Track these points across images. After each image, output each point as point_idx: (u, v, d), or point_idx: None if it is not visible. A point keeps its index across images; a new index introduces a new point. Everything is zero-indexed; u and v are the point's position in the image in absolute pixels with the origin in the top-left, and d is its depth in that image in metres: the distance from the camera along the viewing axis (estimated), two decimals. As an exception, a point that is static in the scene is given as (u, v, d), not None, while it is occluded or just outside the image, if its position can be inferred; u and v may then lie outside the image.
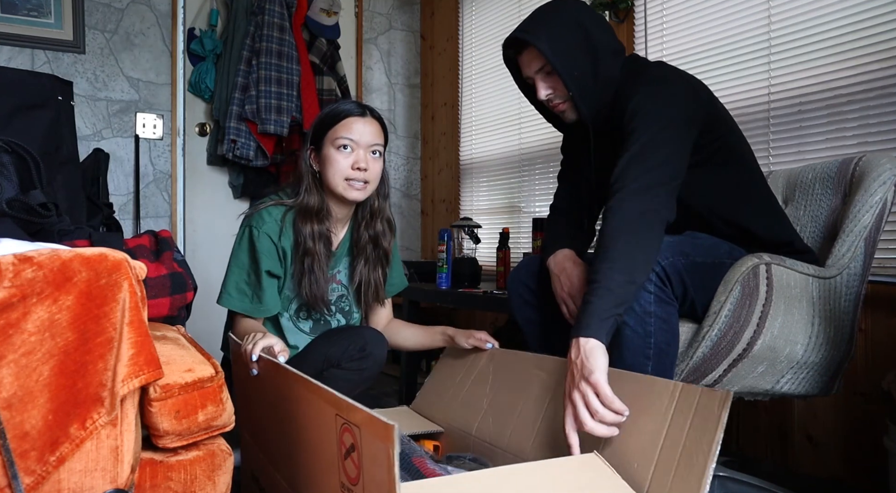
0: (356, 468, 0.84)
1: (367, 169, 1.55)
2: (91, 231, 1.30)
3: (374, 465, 0.79)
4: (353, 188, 1.56)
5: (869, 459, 1.71)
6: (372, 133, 1.57)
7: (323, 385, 0.96)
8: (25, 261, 0.79)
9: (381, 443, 0.76)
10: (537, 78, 1.45)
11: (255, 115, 3.01)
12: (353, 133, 1.55)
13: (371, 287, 1.70)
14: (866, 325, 1.71)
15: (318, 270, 1.58)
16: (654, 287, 1.23)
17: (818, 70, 1.85)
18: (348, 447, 0.86)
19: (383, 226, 1.68)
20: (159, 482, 0.94)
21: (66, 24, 2.93)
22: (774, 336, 1.28)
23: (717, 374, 1.30)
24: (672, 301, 1.26)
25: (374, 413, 0.80)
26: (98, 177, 2.51)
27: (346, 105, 1.60)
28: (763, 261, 1.28)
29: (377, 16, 3.72)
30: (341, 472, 0.89)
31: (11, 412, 0.77)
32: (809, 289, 1.34)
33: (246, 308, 1.57)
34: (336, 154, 1.55)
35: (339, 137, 1.55)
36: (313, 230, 1.57)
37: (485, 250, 3.07)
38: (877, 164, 1.41)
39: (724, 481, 1.54)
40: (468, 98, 3.46)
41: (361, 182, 1.56)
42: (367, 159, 1.55)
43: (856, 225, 1.37)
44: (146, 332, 0.87)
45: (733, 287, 1.25)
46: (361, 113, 1.58)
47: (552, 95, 1.45)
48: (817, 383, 1.38)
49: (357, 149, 1.55)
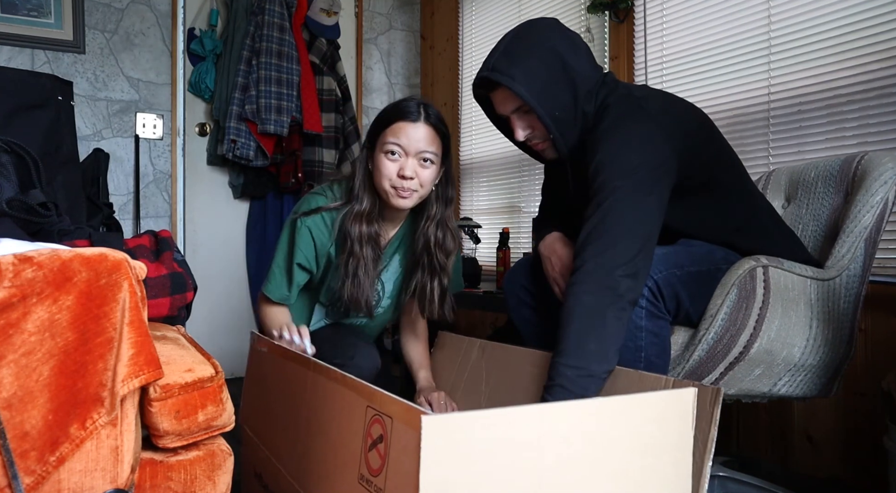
0: (381, 458, 0.85)
1: (414, 178, 1.47)
2: (91, 231, 1.30)
3: (403, 454, 0.79)
4: (398, 196, 1.49)
5: (869, 459, 1.71)
6: (423, 139, 1.47)
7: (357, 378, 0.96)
8: (25, 261, 0.79)
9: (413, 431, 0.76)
10: (513, 117, 1.36)
11: (255, 115, 3.01)
12: (401, 139, 1.47)
13: (426, 296, 1.60)
14: (866, 325, 1.71)
15: (363, 274, 1.53)
16: (646, 302, 1.21)
17: (818, 70, 1.85)
18: (375, 438, 0.87)
19: (442, 233, 1.58)
20: (159, 482, 0.94)
21: (66, 24, 2.93)
22: (771, 339, 1.28)
23: (714, 377, 1.29)
24: (664, 315, 1.25)
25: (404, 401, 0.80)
26: (98, 177, 2.52)
27: (402, 105, 1.51)
28: (760, 263, 1.27)
29: (377, 16, 3.72)
30: (362, 464, 0.89)
31: (11, 411, 0.77)
32: (808, 291, 1.33)
33: (283, 297, 1.59)
34: (384, 159, 1.48)
35: (388, 143, 1.47)
36: (361, 233, 1.52)
37: (485, 249, 3.08)
38: (878, 162, 1.39)
39: (724, 481, 1.54)
40: (468, 98, 3.46)
41: (409, 191, 1.48)
42: (414, 168, 1.47)
43: (856, 225, 1.35)
44: (146, 332, 0.87)
45: (730, 290, 1.24)
46: (415, 117, 1.48)
47: (531, 136, 1.37)
48: (816, 384, 1.38)
49: (405, 155, 1.47)
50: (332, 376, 1.05)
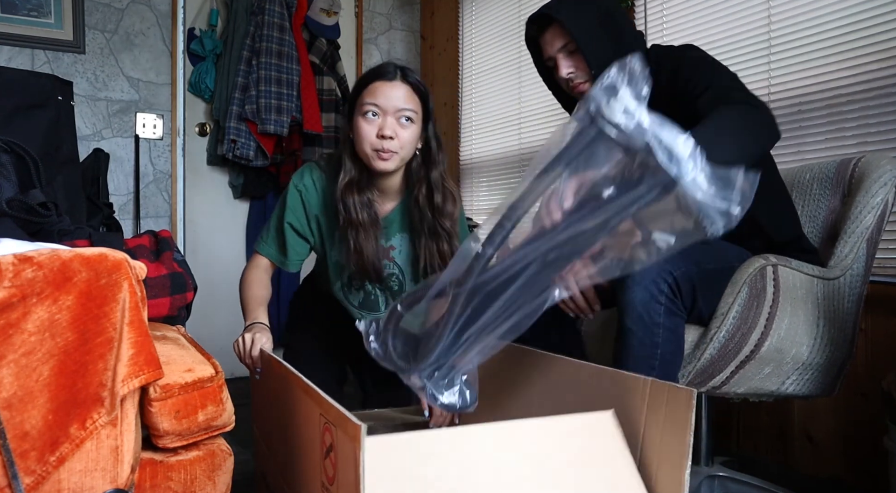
0: (333, 467, 0.85)
1: (395, 137, 1.46)
2: (91, 231, 1.30)
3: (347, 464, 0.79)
4: (379, 159, 1.47)
5: (869, 459, 1.71)
6: (401, 97, 1.46)
7: (313, 385, 0.96)
8: (25, 261, 0.79)
9: (351, 442, 0.76)
10: (559, 57, 1.45)
11: (255, 115, 3.01)
12: (378, 99, 1.46)
13: (437, 261, 1.57)
14: (866, 325, 1.71)
15: (365, 239, 1.52)
16: (666, 299, 1.22)
17: (818, 70, 1.85)
18: (328, 447, 0.87)
19: (440, 196, 1.55)
20: (159, 482, 0.94)
21: (66, 24, 2.93)
22: (781, 338, 1.28)
23: (725, 376, 1.29)
24: (681, 313, 1.25)
25: (345, 412, 0.80)
26: (98, 177, 2.51)
27: (379, 67, 1.51)
28: (770, 262, 1.28)
29: (377, 16, 3.72)
30: (322, 472, 0.89)
31: (11, 411, 0.77)
32: (814, 290, 1.34)
33: (272, 255, 1.63)
34: (362, 122, 1.47)
35: (365, 104, 1.47)
36: (355, 201, 1.52)
37: (485, 250, 3.07)
38: (877, 165, 1.41)
39: (724, 481, 1.54)
40: (468, 98, 3.46)
41: (389, 153, 1.47)
42: (393, 126, 1.45)
43: (857, 226, 1.37)
44: (146, 332, 0.87)
45: (741, 289, 1.25)
46: (391, 76, 1.48)
47: (574, 74, 1.45)
48: (821, 384, 1.38)
49: (383, 115, 1.46)
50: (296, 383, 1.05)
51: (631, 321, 1.21)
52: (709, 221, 0.84)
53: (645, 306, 1.21)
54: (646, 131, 0.84)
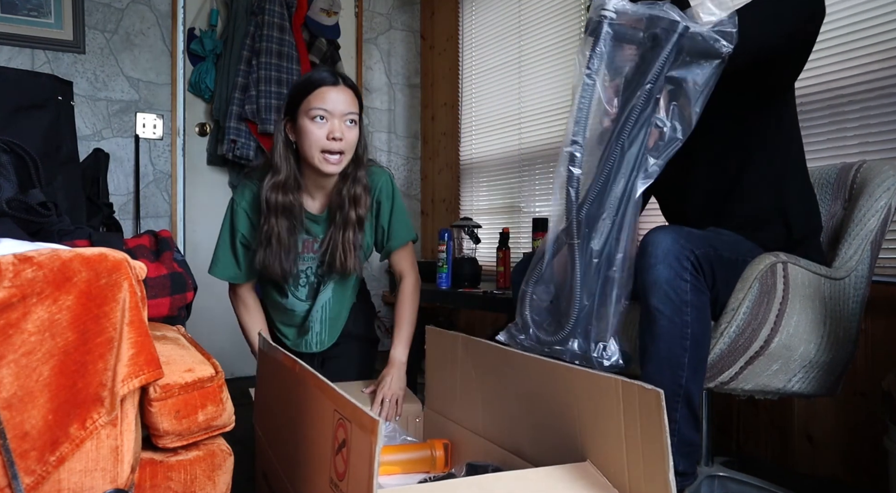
0: (344, 463, 0.85)
1: (343, 139, 1.56)
2: (91, 231, 1.30)
3: (360, 459, 0.80)
4: (327, 162, 1.57)
5: (869, 459, 1.71)
6: (346, 102, 1.57)
7: (328, 381, 0.97)
8: (25, 261, 0.79)
9: (367, 437, 0.77)
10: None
11: (255, 115, 3.01)
12: (326, 103, 1.55)
13: (338, 250, 1.65)
14: (866, 325, 1.71)
15: (276, 241, 1.60)
16: (690, 276, 1.18)
17: (819, 70, 1.85)
18: (340, 443, 0.87)
19: (356, 189, 1.64)
20: (159, 482, 0.94)
21: (66, 24, 2.93)
22: (790, 335, 1.30)
23: (734, 371, 1.30)
24: (706, 291, 1.22)
25: (362, 407, 0.81)
26: (98, 177, 2.51)
27: (318, 74, 1.59)
28: (780, 260, 1.29)
29: (377, 16, 3.72)
30: (331, 468, 0.90)
31: (11, 411, 0.77)
32: (822, 289, 1.36)
33: (232, 276, 1.70)
34: (311, 125, 1.55)
35: (313, 108, 1.55)
36: (277, 202, 1.59)
37: (485, 250, 3.07)
38: (879, 170, 1.46)
39: (724, 481, 1.54)
40: (468, 98, 3.46)
41: (337, 155, 1.56)
42: (342, 129, 1.56)
43: (862, 229, 1.41)
44: (146, 332, 0.87)
45: (752, 284, 1.26)
46: (334, 82, 1.57)
47: None
48: (825, 383, 1.39)
49: (331, 119, 1.55)
50: (309, 380, 1.06)
51: (658, 300, 1.17)
52: (718, 44, 1.08)
53: (671, 284, 1.17)
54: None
